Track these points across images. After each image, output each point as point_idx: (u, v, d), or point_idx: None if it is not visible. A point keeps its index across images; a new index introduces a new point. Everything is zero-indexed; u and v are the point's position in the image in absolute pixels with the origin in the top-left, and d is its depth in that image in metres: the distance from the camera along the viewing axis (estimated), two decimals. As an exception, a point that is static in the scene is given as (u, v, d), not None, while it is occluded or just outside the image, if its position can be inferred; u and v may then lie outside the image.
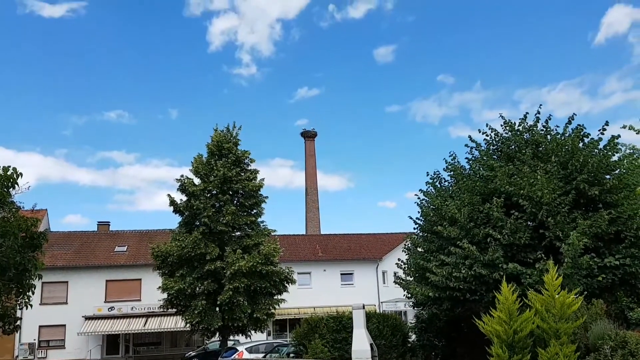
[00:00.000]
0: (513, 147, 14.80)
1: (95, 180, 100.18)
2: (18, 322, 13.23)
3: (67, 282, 32.60)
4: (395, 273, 18.52)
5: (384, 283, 36.99)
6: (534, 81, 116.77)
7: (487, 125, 15.37)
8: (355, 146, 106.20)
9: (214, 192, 23.83)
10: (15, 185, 11.09)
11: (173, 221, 25.16)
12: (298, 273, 30.53)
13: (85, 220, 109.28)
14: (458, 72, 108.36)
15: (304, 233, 48.20)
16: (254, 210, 24.64)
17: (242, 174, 24.31)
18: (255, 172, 24.73)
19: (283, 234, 36.40)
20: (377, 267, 37.48)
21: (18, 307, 13.23)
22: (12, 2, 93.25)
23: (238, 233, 24.13)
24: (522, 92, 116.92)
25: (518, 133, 14.89)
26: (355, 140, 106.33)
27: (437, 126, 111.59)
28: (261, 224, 24.73)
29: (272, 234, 24.89)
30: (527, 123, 15.03)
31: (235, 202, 24.19)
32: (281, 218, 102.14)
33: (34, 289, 12.41)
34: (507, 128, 15.08)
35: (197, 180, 24.02)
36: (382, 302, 35.95)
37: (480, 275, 12.84)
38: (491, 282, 12.66)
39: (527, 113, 15.18)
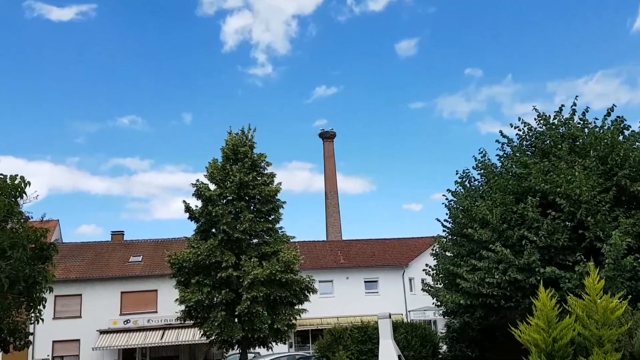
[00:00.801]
0: (548, 142, 14.59)
1: (109, 189, 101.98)
2: (29, 338, 13.35)
3: (80, 295, 33.05)
4: (423, 280, 18.39)
5: (411, 291, 36.69)
6: (568, 72, 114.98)
7: (519, 119, 15.19)
8: (377, 146, 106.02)
9: (230, 197, 23.93)
10: (24, 195, 11.18)
11: (189, 229, 25.41)
12: (319, 281, 30.43)
13: (100, 231, 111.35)
14: (486, 65, 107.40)
15: (325, 239, 48.16)
16: (272, 216, 24.67)
17: (259, 178, 24.38)
18: (272, 176, 24.80)
19: (303, 241, 36.41)
20: (403, 274, 37.19)
21: (29, 322, 13.36)
22: (19, 6, 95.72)
23: (255, 240, 24.18)
24: (555, 84, 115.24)
25: (553, 127, 14.67)
26: (377, 140, 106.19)
27: (465, 122, 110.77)
28: (279, 231, 24.76)
29: (291, 240, 24.88)
30: (563, 116, 14.82)
31: (251, 208, 24.26)
32: (300, 224, 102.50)
33: (45, 302, 12.50)
34: (542, 122, 14.89)
35: (212, 186, 24.16)
36: (409, 311, 35.63)
37: (516, 280, 12.69)
38: (527, 287, 12.51)
39: (562, 105, 14.98)
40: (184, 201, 24.21)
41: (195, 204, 24.15)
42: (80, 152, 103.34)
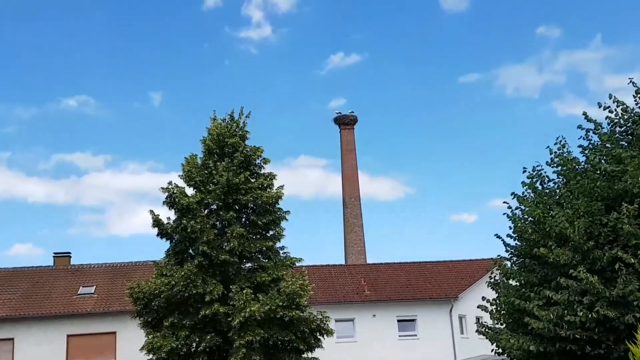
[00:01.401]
0: (650, 128, 14.55)
1: (51, 195, 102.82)
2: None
3: (12, 339, 33.32)
4: (478, 318, 18.36)
5: (462, 333, 36.61)
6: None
7: (610, 96, 15.11)
8: (415, 135, 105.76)
9: (214, 207, 24.07)
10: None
11: (159, 251, 25.56)
12: (336, 320, 30.42)
13: (39, 252, 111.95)
14: (567, 22, 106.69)
15: (343, 263, 48.21)
16: (271, 232, 24.80)
17: (253, 180, 24.51)
18: (271, 177, 24.93)
19: (313, 265, 36.47)
20: (451, 310, 37.11)
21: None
22: None
23: (249, 265, 24.31)
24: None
25: (658, 107, 14.64)
26: (415, 127, 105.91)
27: (536, 101, 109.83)
28: (281, 251, 24.88)
29: (297, 264, 24.99)
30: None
31: (243, 220, 24.37)
32: (310, 242, 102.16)
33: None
34: (642, 100, 14.85)
35: (190, 191, 24.32)
36: (460, 361, 35.58)
37: (606, 318, 12.68)
38: (622, 328, 12.46)
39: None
40: (152, 211, 24.38)
41: (167, 215, 24.36)
42: (11, 146, 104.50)
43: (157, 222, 24.26)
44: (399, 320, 37.00)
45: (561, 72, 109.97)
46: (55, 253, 40.75)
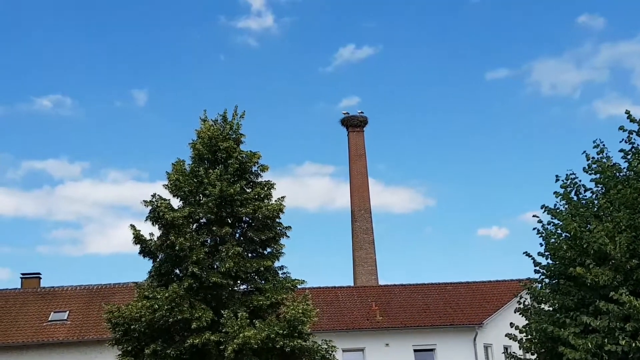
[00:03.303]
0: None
1: (19, 208, 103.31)
2: None
3: (-25, 371, 33.43)
4: (506, 348, 18.34)
5: (488, 365, 36.58)
6: None
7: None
8: (435, 140, 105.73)
9: (204, 220, 24.10)
10: None
11: (141, 271, 25.56)
12: (344, 350, 30.50)
13: (5, 273, 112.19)
14: (611, 11, 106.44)
15: (352, 284, 48.20)
16: (269, 250, 24.80)
17: (249, 190, 24.55)
18: (270, 186, 24.94)
19: (318, 287, 36.50)
20: (475, 339, 37.11)
21: None
22: None
23: (243, 287, 24.31)
24: None
25: None
26: (435, 131, 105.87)
27: (576, 100, 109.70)
28: (280, 272, 24.88)
29: (300, 286, 24.98)
30: None
31: (237, 236, 24.40)
32: (316, 260, 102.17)
33: None
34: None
35: (176, 202, 24.37)
36: (485, 397, 35.56)
37: (653, 347, 12.64)
38: (671, 358, 12.45)
39: None
40: (132, 226, 24.33)
41: (151, 231, 24.38)
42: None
43: (138, 238, 24.22)
44: (415, 350, 37.00)
45: (604, 68, 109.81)
46: (22, 274, 40.92)
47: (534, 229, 16.16)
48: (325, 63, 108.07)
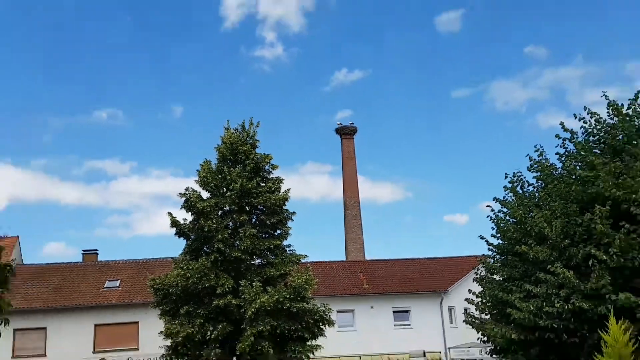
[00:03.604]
0: (621, 137, 14.54)
1: (83, 198, 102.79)
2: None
3: (45, 328, 33.37)
4: (466, 309, 18.30)
5: (452, 323, 36.46)
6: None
7: (585, 108, 15.12)
8: (413, 144, 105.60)
9: (227, 208, 24.10)
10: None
11: (178, 248, 25.58)
12: (337, 312, 30.45)
13: (71, 250, 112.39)
14: (553, 42, 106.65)
15: (344, 259, 48.17)
16: (278, 231, 24.81)
17: (263, 184, 24.53)
18: (279, 181, 24.93)
19: (317, 261, 36.41)
20: (441, 302, 37.00)
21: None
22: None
23: (258, 261, 24.32)
24: (636, 65, 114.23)
25: (627, 118, 14.59)
26: (413, 137, 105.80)
27: (523, 114, 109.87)
28: (288, 249, 24.88)
29: (303, 261, 24.97)
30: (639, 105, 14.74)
31: (254, 221, 24.40)
32: (316, 240, 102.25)
33: (-1, 336, 12.59)
34: (613, 112, 14.81)
35: (205, 194, 24.36)
36: (449, 349, 35.41)
37: (581, 309, 12.66)
38: (595, 318, 12.44)
39: (639, 92, 14.85)
40: (169, 213, 24.41)
41: (185, 217, 24.41)
42: (48, 153, 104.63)
43: (174, 223, 24.34)
44: (394, 311, 36.84)
45: (545, 88, 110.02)
46: (84, 250, 40.81)
47: (487, 216, 16.15)
48: (324, 84, 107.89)
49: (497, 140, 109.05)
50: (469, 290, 17.33)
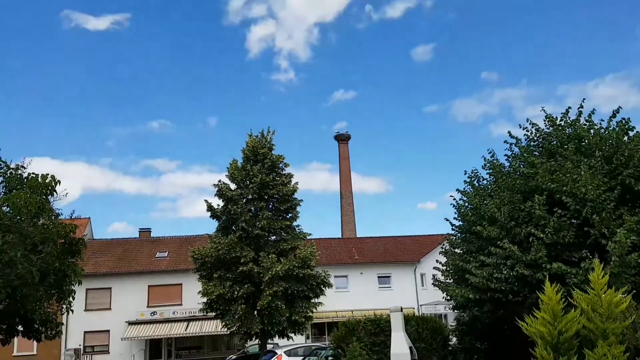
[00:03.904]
0: (555, 142, 14.38)
1: (140, 189, 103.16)
2: (60, 328, 13.50)
3: (110, 288, 33.48)
4: (434, 275, 18.27)
5: (423, 286, 36.49)
6: (579, 75, 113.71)
7: (527, 120, 15.05)
8: (394, 148, 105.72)
9: (250, 197, 24.06)
10: (54, 193, 11.25)
11: (213, 227, 25.61)
12: (335, 277, 30.48)
13: (131, 229, 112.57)
14: (503, 68, 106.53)
15: (340, 236, 48.13)
16: (289, 215, 24.76)
17: (277, 178, 24.48)
18: (290, 176, 24.87)
19: (319, 238, 36.44)
20: (415, 270, 37.02)
21: (60, 313, 13.50)
22: (58, 16, 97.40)
23: (274, 237, 24.29)
24: (567, 87, 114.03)
25: (560, 128, 14.45)
26: (394, 142, 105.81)
27: (478, 125, 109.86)
28: (296, 228, 24.81)
29: (308, 237, 24.92)
30: (570, 118, 14.60)
31: (270, 207, 24.35)
32: (318, 222, 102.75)
33: (74, 294, 12.62)
34: (549, 123, 14.67)
35: (233, 186, 24.31)
36: (421, 305, 35.47)
37: (523, 275, 12.54)
38: (534, 282, 12.33)
39: (569, 107, 14.76)
40: (206, 200, 24.47)
41: (218, 203, 24.39)
42: (113, 154, 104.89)
43: (210, 207, 24.31)
44: (378, 277, 36.95)
45: (495, 105, 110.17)
46: (140, 228, 41.00)
47: (451, 204, 16.03)
48: (326, 101, 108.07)
49: (458, 146, 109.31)
50: (437, 261, 17.27)
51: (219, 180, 24.28)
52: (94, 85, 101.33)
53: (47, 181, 11.05)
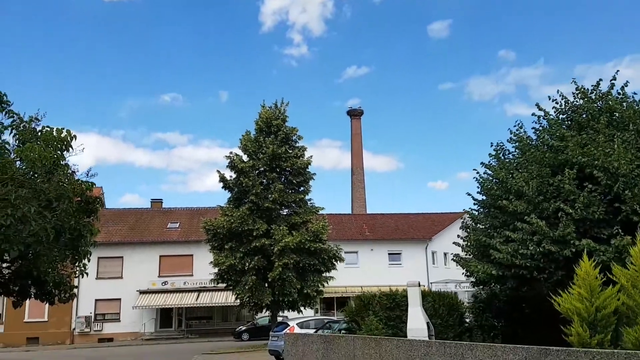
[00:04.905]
0: (585, 115, 13.60)
1: (151, 161, 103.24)
2: (74, 291, 13.10)
3: (122, 257, 33.37)
4: (445, 253, 17.75)
5: (434, 263, 36.07)
6: (598, 56, 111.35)
7: (557, 91, 14.24)
8: (406, 126, 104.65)
9: (262, 169, 23.55)
10: (70, 148, 10.66)
11: (223, 200, 25.19)
12: (345, 252, 29.98)
13: (142, 200, 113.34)
14: (521, 47, 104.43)
15: (350, 212, 47.71)
16: (302, 188, 24.32)
17: (290, 151, 23.94)
18: (303, 149, 24.32)
19: (330, 213, 35.94)
20: (426, 247, 36.53)
21: (74, 276, 13.09)
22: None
23: (286, 211, 23.86)
24: (584, 67, 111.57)
25: (591, 100, 13.66)
26: (406, 120, 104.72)
27: (494, 104, 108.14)
28: (309, 202, 24.36)
29: (320, 211, 24.47)
30: (600, 90, 13.79)
31: (282, 179, 23.86)
32: (329, 198, 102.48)
33: (90, 255, 12.15)
34: (580, 95, 13.87)
35: (245, 158, 23.79)
36: (431, 283, 35.04)
37: (550, 252, 11.94)
38: (561, 259, 11.76)
39: (600, 79, 13.93)
40: (218, 171, 24.06)
41: (230, 174, 23.90)
42: (125, 126, 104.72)
43: (222, 178, 23.86)
44: (389, 254, 36.55)
45: (512, 84, 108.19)
46: (152, 199, 40.85)
47: (473, 177, 15.35)
48: (338, 77, 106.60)
49: (472, 124, 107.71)
50: (458, 236, 16.65)
51: (231, 152, 23.87)
52: (106, 56, 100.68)
53: (62, 135, 10.44)
